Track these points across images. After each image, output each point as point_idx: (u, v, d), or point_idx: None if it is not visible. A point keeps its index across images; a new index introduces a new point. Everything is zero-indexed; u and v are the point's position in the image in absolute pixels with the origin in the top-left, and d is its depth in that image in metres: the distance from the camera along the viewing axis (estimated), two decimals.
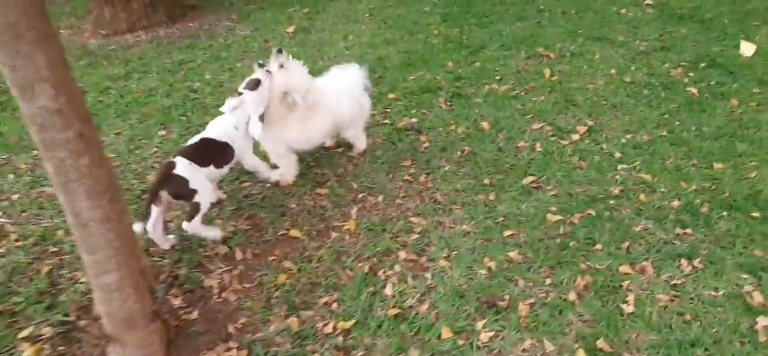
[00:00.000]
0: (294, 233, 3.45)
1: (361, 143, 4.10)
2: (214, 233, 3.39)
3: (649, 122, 4.33)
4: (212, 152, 3.41)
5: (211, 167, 3.38)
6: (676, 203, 3.48)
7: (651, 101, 4.63)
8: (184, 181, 3.19)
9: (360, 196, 3.72)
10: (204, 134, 3.47)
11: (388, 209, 3.60)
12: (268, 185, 3.85)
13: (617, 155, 3.98)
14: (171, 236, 3.38)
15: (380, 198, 3.69)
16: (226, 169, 3.51)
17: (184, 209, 3.42)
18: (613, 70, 5.14)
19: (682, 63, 5.20)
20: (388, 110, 4.67)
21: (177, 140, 4.43)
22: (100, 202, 2.37)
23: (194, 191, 3.22)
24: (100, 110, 4.96)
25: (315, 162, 4.07)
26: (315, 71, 3.89)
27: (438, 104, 4.73)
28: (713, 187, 3.61)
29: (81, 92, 2.29)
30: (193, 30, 6.81)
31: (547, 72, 5.14)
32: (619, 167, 3.85)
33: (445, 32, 6.14)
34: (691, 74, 5.00)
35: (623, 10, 6.45)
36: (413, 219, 3.49)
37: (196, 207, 3.23)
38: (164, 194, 3.20)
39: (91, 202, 2.35)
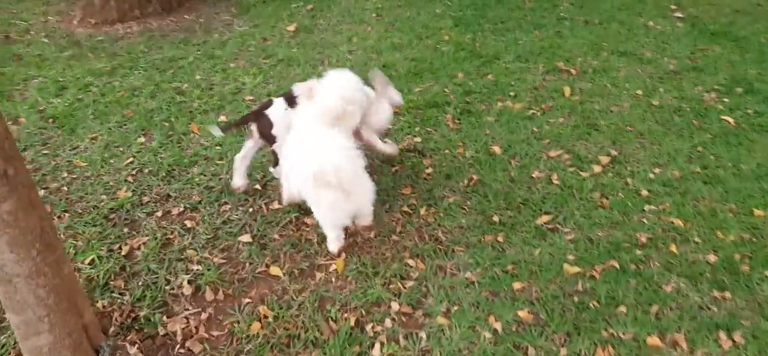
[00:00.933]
0: (274, 270, 3.04)
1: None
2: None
3: (679, 155, 3.86)
4: None
5: None
6: (712, 257, 3.04)
7: (682, 129, 4.16)
8: (269, 123, 3.24)
9: (351, 228, 3.29)
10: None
11: (382, 246, 3.18)
12: (250, 210, 3.44)
13: (644, 193, 3.53)
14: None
15: (373, 233, 3.26)
16: None
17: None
18: (639, 91, 4.67)
19: (716, 86, 4.72)
20: (390, 127, 4.22)
21: (156, 149, 4.02)
22: (28, 253, 1.98)
23: (275, 138, 3.25)
24: (78, 110, 4.55)
25: None
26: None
27: (445, 122, 4.29)
28: (754, 239, 3.16)
29: (5, 125, 1.88)
30: (189, 23, 6.39)
31: (567, 90, 4.68)
32: (647, 208, 3.41)
33: (457, 38, 5.67)
34: (726, 100, 4.51)
35: (651, 23, 5.95)
36: (410, 262, 3.06)
37: (276, 155, 3.31)
38: (254, 128, 3.31)
39: (17, 254, 1.95)
